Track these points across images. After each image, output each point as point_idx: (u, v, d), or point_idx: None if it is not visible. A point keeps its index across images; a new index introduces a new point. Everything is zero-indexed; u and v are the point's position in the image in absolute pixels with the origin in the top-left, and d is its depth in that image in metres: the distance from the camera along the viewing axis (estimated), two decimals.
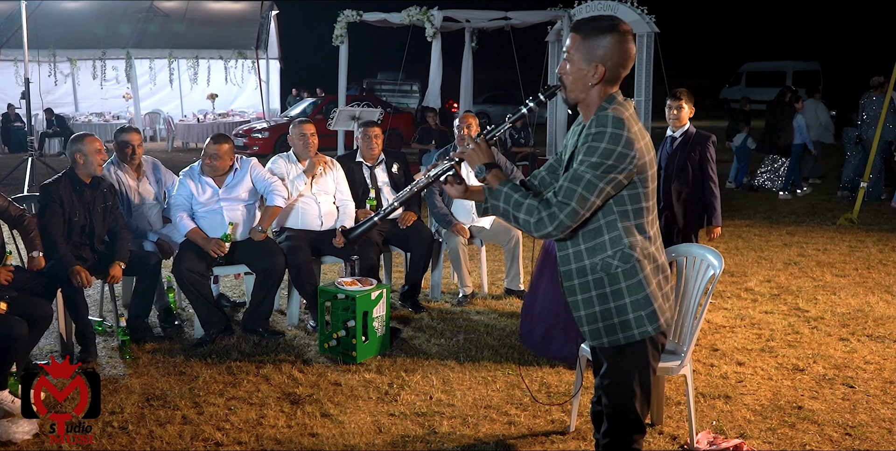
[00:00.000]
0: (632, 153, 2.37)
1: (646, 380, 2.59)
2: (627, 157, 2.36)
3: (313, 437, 3.67)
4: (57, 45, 18.55)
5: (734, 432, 3.71)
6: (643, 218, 2.48)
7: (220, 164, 5.03)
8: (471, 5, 13.54)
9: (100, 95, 20.31)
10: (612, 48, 2.41)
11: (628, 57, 2.43)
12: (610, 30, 2.41)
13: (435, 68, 13.10)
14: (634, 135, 2.39)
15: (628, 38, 2.42)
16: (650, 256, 2.50)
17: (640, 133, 2.43)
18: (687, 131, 5.27)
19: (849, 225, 8.65)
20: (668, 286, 2.58)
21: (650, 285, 2.49)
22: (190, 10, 21.43)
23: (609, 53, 2.42)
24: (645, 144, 2.43)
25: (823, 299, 5.86)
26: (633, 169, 2.39)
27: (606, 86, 2.47)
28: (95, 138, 4.75)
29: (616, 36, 2.40)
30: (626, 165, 2.37)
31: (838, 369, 4.47)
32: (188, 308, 5.29)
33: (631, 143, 2.37)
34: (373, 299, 4.63)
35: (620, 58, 2.43)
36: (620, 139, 2.35)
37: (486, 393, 4.15)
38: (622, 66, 2.45)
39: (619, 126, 2.36)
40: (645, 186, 2.45)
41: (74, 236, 4.69)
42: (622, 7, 12.67)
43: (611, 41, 2.41)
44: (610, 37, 2.41)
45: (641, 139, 2.42)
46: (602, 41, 2.41)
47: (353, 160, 5.74)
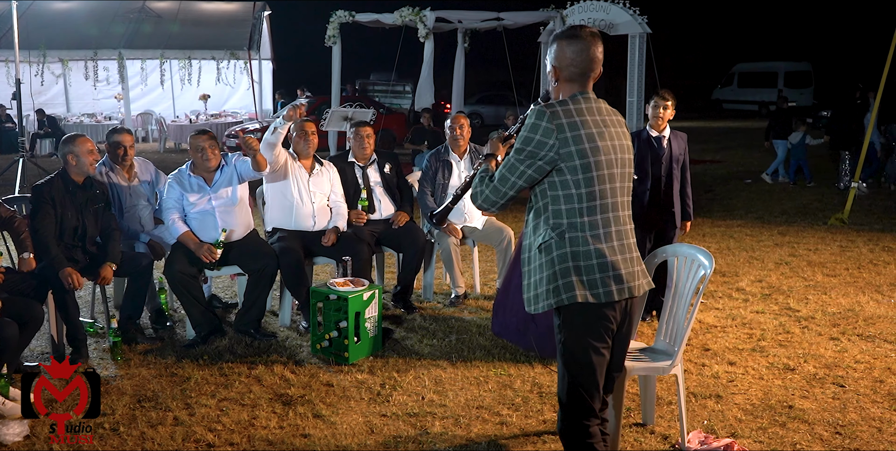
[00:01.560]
0: (550, 142, 2.62)
1: (566, 358, 2.73)
2: (546, 145, 2.63)
3: (305, 438, 3.67)
4: (48, 46, 18.48)
5: (725, 431, 3.72)
6: (574, 204, 2.66)
7: (212, 153, 5.01)
8: (463, 6, 13.56)
9: (91, 96, 20.25)
10: (560, 51, 2.71)
11: (577, 57, 2.68)
12: (560, 36, 2.72)
13: (427, 69, 13.10)
14: (558, 126, 2.62)
15: (576, 41, 2.68)
16: (575, 239, 2.66)
17: (582, 125, 2.64)
18: (670, 132, 5.36)
19: (840, 225, 8.69)
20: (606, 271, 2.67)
21: (564, 262, 2.66)
22: (182, 11, 21.39)
23: (559, 56, 2.71)
24: (585, 135, 2.64)
25: (814, 299, 5.88)
26: (556, 157, 2.63)
27: (567, 85, 2.74)
28: (87, 139, 4.73)
29: (564, 40, 2.70)
30: (546, 153, 2.63)
31: (829, 369, 4.50)
32: (180, 309, 5.27)
33: (550, 132, 2.62)
34: (365, 299, 4.63)
35: (569, 59, 2.69)
36: (538, 129, 2.63)
37: (479, 393, 4.16)
38: (574, 66, 2.70)
39: (540, 117, 2.64)
40: (574, 175, 2.64)
41: (66, 237, 4.67)
42: (614, 8, 12.70)
43: (560, 46, 2.71)
44: (559, 42, 2.71)
45: (578, 130, 2.63)
46: (554, 46, 2.73)
47: (345, 161, 5.74)
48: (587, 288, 2.65)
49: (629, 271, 2.72)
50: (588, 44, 2.68)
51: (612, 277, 2.67)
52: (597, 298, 2.66)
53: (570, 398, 2.76)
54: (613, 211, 2.71)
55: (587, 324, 2.70)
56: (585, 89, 2.73)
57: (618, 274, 2.68)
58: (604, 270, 2.66)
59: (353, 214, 5.56)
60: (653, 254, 3.88)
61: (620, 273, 2.68)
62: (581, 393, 2.74)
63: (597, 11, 12.94)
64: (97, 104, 20.27)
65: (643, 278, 2.80)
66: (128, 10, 20.34)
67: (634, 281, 2.73)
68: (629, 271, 2.72)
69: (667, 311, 3.70)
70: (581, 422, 2.76)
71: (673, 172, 5.34)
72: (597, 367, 2.73)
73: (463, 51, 14.26)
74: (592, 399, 2.76)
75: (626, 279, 2.70)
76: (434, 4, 12.71)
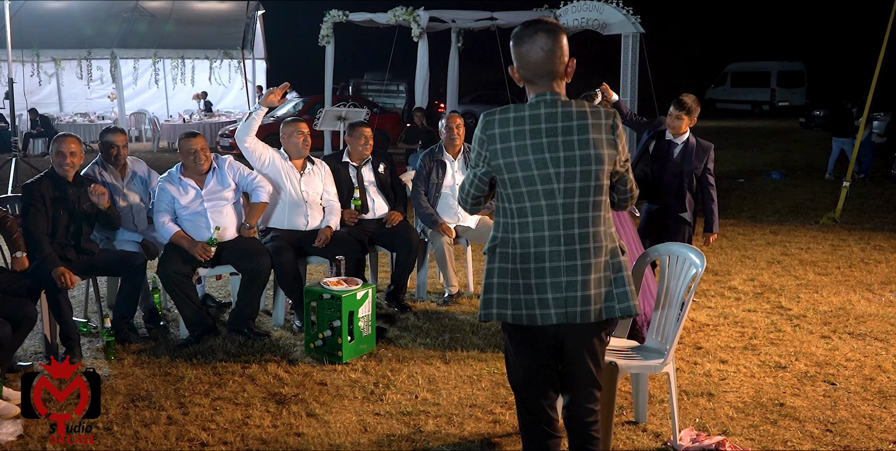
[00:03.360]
0: (483, 153, 2.56)
1: (508, 361, 2.71)
2: (480, 155, 2.58)
3: (299, 437, 3.67)
4: (41, 45, 18.43)
5: (717, 429, 3.74)
6: (508, 218, 2.57)
7: (204, 155, 5.02)
8: (457, 6, 13.58)
9: (84, 96, 20.20)
10: (513, 53, 2.57)
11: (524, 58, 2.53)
12: (512, 36, 2.57)
13: (421, 68, 13.11)
14: (489, 137, 2.53)
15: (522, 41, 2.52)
16: (505, 255, 2.56)
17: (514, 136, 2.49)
18: (688, 140, 5.14)
19: (831, 224, 8.73)
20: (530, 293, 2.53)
21: (490, 278, 2.59)
22: (175, 10, 21.34)
23: (514, 57, 2.57)
24: (516, 147, 2.49)
25: (806, 298, 5.91)
26: (489, 169, 2.57)
27: (529, 87, 2.59)
28: (65, 140, 4.66)
29: (513, 40, 2.55)
30: (481, 163, 2.58)
31: (820, 367, 4.52)
32: (173, 309, 5.27)
33: (482, 142, 2.55)
34: (358, 298, 4.64)
35: (519, 60, 2.56)
36: (475, 137, 2.58)
37: (472, 392, 4.17)
38: (523, 67, 2.56)
39: (479, 124, 2.56)
40: (505, 189, 2.55)
41: (59, 235, 4.67)
42: (608, 7, 12.72)
43: (512, 46, 2.57)
44: (511, 42, 2.57)
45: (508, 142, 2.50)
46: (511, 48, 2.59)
47: (339, 160, 5.74)
48: (510, 308, 2.54)
49: (561, 295, 2.50)
50: (538, 40, 2.48)
51: (537, 300, 2.51)
52: (516, 320, 2.53)
53: (519, 412, 2.74)
54: (551, 229, 2.50)
55: (516, 343, 2.63)
56: (547, 90, 2.54)
57: (543, 298, 2.50)
58: (528, 291, 2.52)
59: (346, 213, 5.57)
60: (644, 253, 3.90)
61: (546, 297, 2.50)
62: (525, 409, 2.70)
63: (590, 11, 12.96)
64: (90, 104, 20.23)
65: (594, 305, 2.52)
66: (121, 10, 20.29)
67: (569, 307, 2.50)
68: (561, 296, 2.50)
69: (658, 309, 3.72)
70: (533, 438, 2.72)
71: (683, 181, 5.08)
72: (536, 386, 2.64)
73: (457, 50, 14.28)
74: (538, 417, 2.68)
75: (552, 305, 2.50)
76: (428, 4, 12.73)
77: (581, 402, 2.70)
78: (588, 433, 2.73)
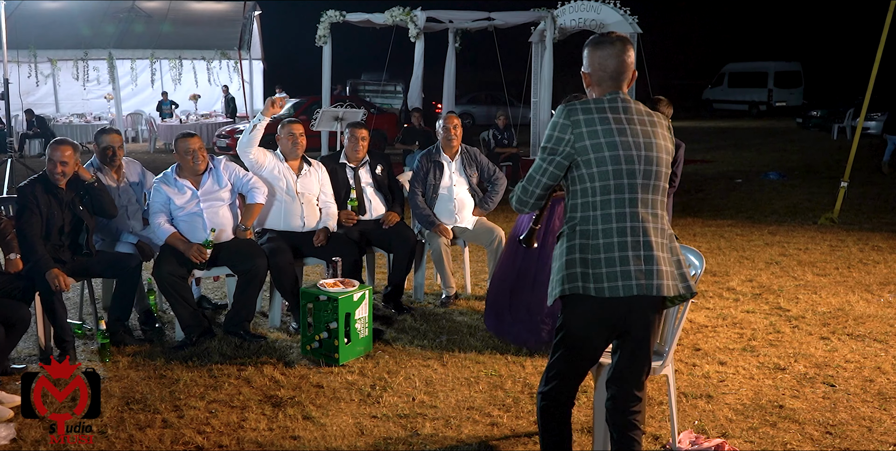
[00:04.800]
0: (566, 137, 2.68)
1: (561, 337, 2.80)
2: (563, 140, 2.69)
3: (295, 440, 3.65)
4: (37, 46, 18.39)
5: (716, 431, 3.72)
6: (588, 197, 2.70)
7: (201, 155, 4.99)
8: (454, 6, 13.56)
9: (81, 96, 20.15)
10: (589, 57, 2.80)
11: (604, 62, 2.76)
12: (589, 43, 2.80)
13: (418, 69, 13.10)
14: (574, 122, 2.68)
15: (603, 46, 2.76)
16: (586, 232, 2.69)
17: (600, 121, 2.68)
18: None
19: (829, 225, 8.71)
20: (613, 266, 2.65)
21: (571, 254, 2.69)
22: (172, 11, 21.31)
23: (589, 62, 2.80)
24: (602, 130, 2.67)
25: (804, 299, 5.90)
26: (572, 152, 2.69)
27: (598, 88, 2.80)
28: (60, 147, 4.58)
29: (592, 46, 2.78)
30: (563, 148, 2.69)
31: (819, 368, 4.50)
32: (169, 311, 5.24)
33: (566, 128, 2.68)
34: (355, 300, 4.62)
35: (596, 63, 2.77)
36: (557, 125, 2.70)
37: (469, 394, 4.14)
38: (601, 70, 2.77)
39: (559, 114, 2.71)
40: (589, 168, 2.68)
41: (53, 237, 4.64)
42: (605, 8, 12.72)
43: (589, 52, 2.80)
44: (588, 48, 2.80)
45: (594, 125, 2.67)
46: (585, 53, 2.81)
47: (336, 161, 5.72)
48: (591, 281, 2.65)
49: (641, 268, 2.64)
50: (615, 48, 2.74)
51: (620, 272, 2.63)
52: (598, 292, 2.64)
53: (549, 379, 2.86)
54: (631, 207, 2.67)
55: (585, 316, 2.72)
56: (617, 91, 2.77)
57: (626, 270, 2.63)
58: (610, 265, 2.64)
59: (343, 214, 5.54)
60: None
61: (629, 269, 2.63)
62: (558, 378, 2.83)
63: (588, 11, 12.97)
64: (87, 104, 20.17)
65: (667, 280, 2.68)
66: (117, 10, 20.24)
67: (648, 280, 2.64)
68: (641, 269, 2.64)
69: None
70: (550, 403, 2.87)
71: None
72: (582, 359, 2.81)
73: (454, 51, 14.26)
74: (568, 387, 2.85)
75: (634, 276, 2.63)
76: (425, 4, 12.72)
77: (630, 389, 2.85)
78: (632, 421, 2.86)
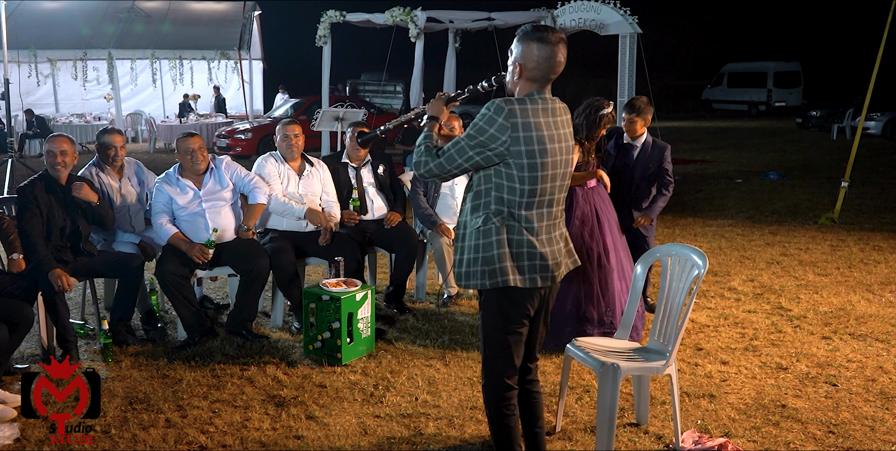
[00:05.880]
0: (503, 138, 2.78)
1: (488, 330, 3.01)
2: (498, 140, 2.79)
3: (298, 439, 3.65)
4: (37, 46, 18.38)
5: (719, 431, 3.73)
6: (516, 197, 2.86)
7: (202, 155, 4.99)
8: (454, 6, 13.54)
9: (81, 96, 20.13)
10: (529, 52, 2.84)
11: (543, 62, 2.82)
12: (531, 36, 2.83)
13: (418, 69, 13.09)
14: (512, 125, 2.77)
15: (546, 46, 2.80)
16: (511, 227, 2.89)
17: (534, 127, 2.80)
18: (645, 141, 5.39)
19: (830, 224, 8.71)
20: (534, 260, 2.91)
21: (500, 247, 2.88)
22: (172, 11, 21.31)
23: (527, 56, 2.84)
24: (536, 137, 2.80)
25: (806, 298, 5.90)
26: (505, 152, 2.80)
27: (528, 84, 2.89)
28: (56, 140, 4.64)
29: (535, 42, 2.82)
30: (497, 147, 2.80)
31: (821, 368, 4.51)
32: (171, 311, 5.24)
33: (504, 129, 2.77)
34: (357, 300, 4.62)
35: (535, 61, 2.83)
36: (494, 123, 2.78)
37: (472, 394, 4.15)
38: (538, 69, 2.85)
39: (498, 113, 2.78)
40: (521, 172, 2.82)
41: (54, 237, 4.64)
42: (605, 8, 12.72)
43: (529, 46, 2.83)
44: (529, 43, 2.83)
45: (530, 131, 2.79)
46: (523, 44, 2.85)
47: (338, 161, 5.73)
48: (518, 273, 2.90)
49: (556, 261, 2.97)
50: (556, 50, 2.82)
51: (539, 266, 2.92)
52: (523, 284, 2.91)
53: (487, 370, 3.05)
54: (549, 207, 2.94)
55: (510, 306, 2.95)
56: (543, 89, 2.89)
57: (544, 264, 2.93)
58: (532, 259, 2.91)
59: (345, 214, 5.54)
60: (647, 253, 3.89)
61: (547, 263, 2.94)
62: (494, 367, 3.03)
63: (587, 11, 12.96)
64: (86, 104, 20.15)
65: (567, 259, 3.05)
66: (117, 10, 20.23)
67: (558, 270, 2.98)
68: (555, 262, 2.97)
69: (660, 311, 3.69)
70: (496, 392, 3.04)
71: (643, 182, 5.38)
72: (511, 345, 3.00)
73: (454, 51, 14.25)
74: (506, 373, 3.03)
75: (551, 269, 2.95)
76: (425, 4, 12.70)
77: (534, 362, 3.19)
78: (538, 392, 3.21)
